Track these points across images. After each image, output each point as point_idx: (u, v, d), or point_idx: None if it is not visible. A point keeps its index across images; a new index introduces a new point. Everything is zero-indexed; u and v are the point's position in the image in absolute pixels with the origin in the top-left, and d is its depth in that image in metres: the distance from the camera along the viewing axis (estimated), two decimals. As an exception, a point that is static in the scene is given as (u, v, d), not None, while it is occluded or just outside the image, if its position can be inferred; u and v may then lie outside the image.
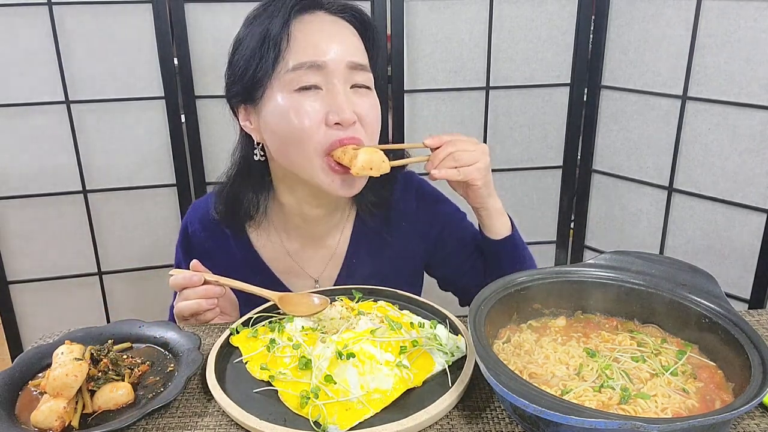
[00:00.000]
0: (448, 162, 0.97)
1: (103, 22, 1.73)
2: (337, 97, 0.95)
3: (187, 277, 0.99)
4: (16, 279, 1.91)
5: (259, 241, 1.16)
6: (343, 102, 0.95)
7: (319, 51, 0.95)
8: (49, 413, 0.77)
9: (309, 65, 0.95)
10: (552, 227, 2.12)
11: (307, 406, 0.78)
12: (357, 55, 0.99)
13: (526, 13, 1.86)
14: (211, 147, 1.89)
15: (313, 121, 0.95)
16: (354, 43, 1.00)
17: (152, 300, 2.03)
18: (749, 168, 1.69)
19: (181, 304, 1.00)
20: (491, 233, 1.12)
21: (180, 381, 0.84)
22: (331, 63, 0.95)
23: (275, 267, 1.16)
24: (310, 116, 0.95)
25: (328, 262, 1.17)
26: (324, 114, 0.96)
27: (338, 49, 0.96)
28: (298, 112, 0.95)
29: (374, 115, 1.01)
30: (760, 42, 1.59)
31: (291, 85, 0.96)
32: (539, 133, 2.00)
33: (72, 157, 1.83)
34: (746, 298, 1.77)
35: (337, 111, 0.95)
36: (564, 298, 0.95)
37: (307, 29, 0.97)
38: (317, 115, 0.95)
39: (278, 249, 1.16)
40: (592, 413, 0.64)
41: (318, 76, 0.96)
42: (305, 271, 1.17)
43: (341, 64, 0.96)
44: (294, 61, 0.95)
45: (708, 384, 0.79)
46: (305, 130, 0.96)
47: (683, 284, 0.90)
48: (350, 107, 0.96)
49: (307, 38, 0.96)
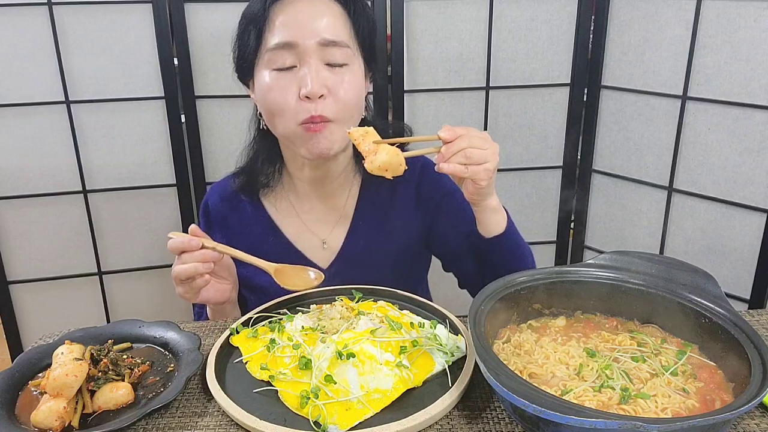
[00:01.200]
0: (459, 158, 0.97)
1: (103, 22, 1.73)
2: (306, 74, 1.03)
3: (185, 241, 1.01)
4: (16, 279, 1.91)
5: (273, 207, 1.23)
6: (310, 77, 1.03)
7: (292, 32, 1.03)
8: (49, 413, 0.77)
9: (283, 45, 1.04)
10: (552, 227, 2.12)
11: (307, 406, 0.78)
12: (330, 32, 1.05)
13: (526, 13, 1.86)
14: (211, 147, 1.89)
15: (288, 96, 1.05)
16: (330, 21, 1.05)
17: (152, 300, 2.03)
18: (749, 168, 1.69)
19: (177, 267, 1.01)
20: (483, 230, 1.12)
21: (180, 381, 0.84)
22: (303, 42, 1.03)
23: (287, 230, 1.22)
24: (286, 93, 1.05)
25: (336, 223, 1.23)
26: (296, 89, 1.04)
27: (311, 28, 1.03)
28: (275, 89, 1.06)
29: (347, 89, 1.07)
30: (760, 42, 1.59)
31: (270, 64, 1.06)
32: (539, 133, 2.00)
33: (72, 157, 1.83)
34: (746, 298, 1.77)
35: (305, 85, 1.03)
36: (564, 298, 0.95)
37: (284, 10, 1.05)
38: (291, 90, 1.05)
39: (289, 212, 1.23)
40: (592, 413, 0.64)
41: (293, 56, 1.04)
42: (314, 232, 1.22)
43: (312, 42, 1.03)
44: (271, 42, 1.05)
45: (708, 384, 0.79)
46: (282, 104, 1.06)
47: (683, 284, 0.90)
48: (320, 82, 1.03)
49: (282, 19, 1.05)
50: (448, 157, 0.97)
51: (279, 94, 1.05)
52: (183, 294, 1.04)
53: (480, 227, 1.12)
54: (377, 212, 1.24)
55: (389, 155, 0.91)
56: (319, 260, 1.21)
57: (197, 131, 1.86)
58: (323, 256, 1.22)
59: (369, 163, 0.90)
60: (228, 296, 1.10)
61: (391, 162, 0.92)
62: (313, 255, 1.21)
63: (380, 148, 0.92)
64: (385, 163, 0.91)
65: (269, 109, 1.09)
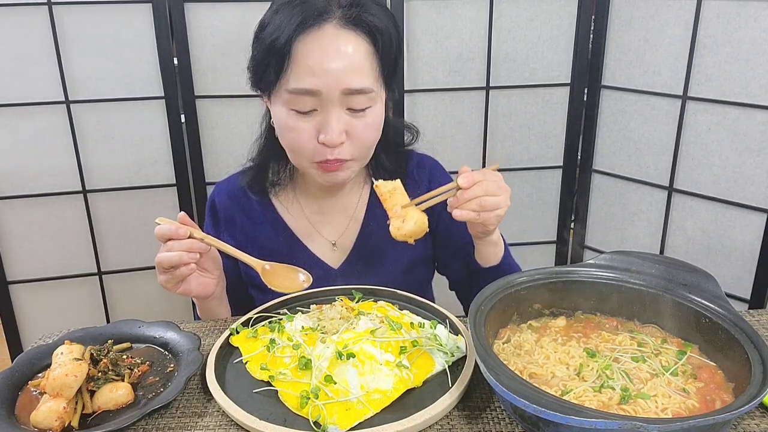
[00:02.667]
0: (473, 205, 0.98)
1: (103, 22, 1.73)
2: (327, 121, 1.01)
3: (173, 229, 0.98)
4: (16, 279, 1.91)
5: (282, 206, 1.22)
6: (331, 126, 1.00)
7: (316, 80, 0.98)
8: (48, 413, 0.77)
9: (305, 92, 0.99)
10: (552, 227, 2.12)
11: (307, 406, 0.78)
12: (355, 80, 1.00)
13: (526, 13, 1.86)
14: (211, 147, 1.89)
15: (305, 139, 1.03)
16: (356, 63, 1.00)
17: (152, 300, 2.03)
18: (749, 168, 1.69)
19: (162, 254, 0.98)
20: (480, 260, 1.15)
21: (180, 381, 0.84)
22: (326, 90, 0.99)
23: (296, 228, 1.22)
24: (303, 135, 1.03)
25: (347, 226, 1.23)
26: (316, 132, 1.02)
27: (336, 74, 0.98)
28: (293, 129, 1.03)
29: (367, 133, 1.06)
30: (760, 42, 1.59)
31: (289, 104, 1.02)
32: (539, 133, 2.00)
33: (72, 157, 1.83)
34: (746, 298, 1.77)
35: (325, 132, 1.01)
36: (564, 298, 0.95)
37: (308, 50, 0.98)
38: (309, 133, 1.03)
39: (299, 213, 1.22)
40: (592, 413, 0.64)
41: (313, 100, 1.00)
42: (323, 234, 1.22)
43: (336, 91, 0.99)
44: (293, 84, 1.00)
45: (708, 384, 0.79)
46: (298, 144, 1.05)
47: (683, 284, 0.90)
48: (340, 128, 1.01)
49: (306, 62, 0.99)
50: (461, 203, 0.97)
51: (296, 136, 1.03)
52: (164, 283, 1.01)
53: (478, 256, 1.15)
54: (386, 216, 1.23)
55: (417, 225, 0.87)
56: (329, 259, 1.21)
57: (197, 131, 1.86)
58: (333, 256, 1.22)
59: (395, 229, 0.85)
60: (211, 291, 1.07)
61: (417, 231, 0.89)
62: (323, 254, 1.21)
63: (408, 215, 0.87)
64: (411, 232, 0.87)
65: (285, 143, 1.08)
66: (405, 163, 1.25)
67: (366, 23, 1.00)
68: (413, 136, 1.27)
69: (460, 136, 1.96)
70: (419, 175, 1.25)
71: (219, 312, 1.15)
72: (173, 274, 0.98)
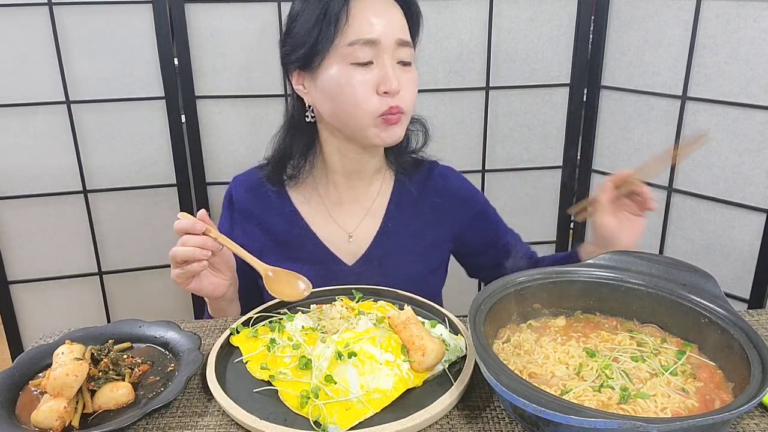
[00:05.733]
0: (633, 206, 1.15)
1: (103, 22, 1.73)
2: (386, 70, 1.07)
3: (190, 224, 1.01)
4: (16, 279, 1.91)
5: (299, 198, 1.25)
6: (391, 75, 1.07)
7: (373, 29, 1.06)
8: (49, 413, 0.77)
9: (364, 41, 1.06)
10: (552, 227, 2.12)
11: (307, 405, 0.78)
12: (404, 32, 1.11)
13: (526, 13, 1.86)
14: (211, 147, 1.89)
15: (366, 92, 1.08)
16: (401, 22, 1.11)
17: (152, 300, 2.03)
18: (749, 168, 1.69)
19: (176, 248, 1.01)
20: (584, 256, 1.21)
21: (180, 381, 0.84)
22: (383, 39, 1.07)
23: (312, 222, 1.24)
24: (364, 87, 1.08)
25: (364, 218, 1.25)
26: (375, 85, 1.08)
27: (389, 27, 1.08)
28: (352, 84, 1.08)
29: (413, 88, 1.14)
30: (760, 42, 1.59)
31: (347, 59, 1.07)
32: (539, 133, 2.00)
33: (72, 157, 1.83)
34: (746, 298, 1.77)
35: (386, 82, 1.07)
36: (564, 298, 0.95)
37: (364, 6, 1.07)
38: (369, 85, 1.08)
39: (317, 204, 1.25)
40: (591, 413, 0.64)
41: (371, 51, 1.07)
42: (340, 225, 1.24)
43: (391, 40, 1.08)
44: (352, 37, 1.06)
45: (708, 384, 0.80)
46: (359, 98, 1.08)
47: (683, 284, 0.90)
48: (397, 78, 1.08)
49: (363, 16, 1.07)
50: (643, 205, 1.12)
51: (358, 89, 1.08)
52: (176, 277, 1.04)
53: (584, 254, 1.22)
54: (408, 216, 1.26)
55: (437, 357, 0.85)
56: (344, 255, 1.22)
57: (197, 131, 1.86)
58: (349, 251, 1.23)
59: (417, 364, 0.84)
60: (222, 292, 1.09)
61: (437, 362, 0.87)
62: (338, 249, 1.22)
63: (427, 348, 0.85)
64: (433, 365, 0.86)
65: (343, 100, 1.10)
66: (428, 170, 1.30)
67: None
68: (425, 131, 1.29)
69: (460, 136, 1.96)
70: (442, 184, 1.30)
71: (230, 312, 1.17)
72: (185, 269, 1.01)
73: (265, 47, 1.81)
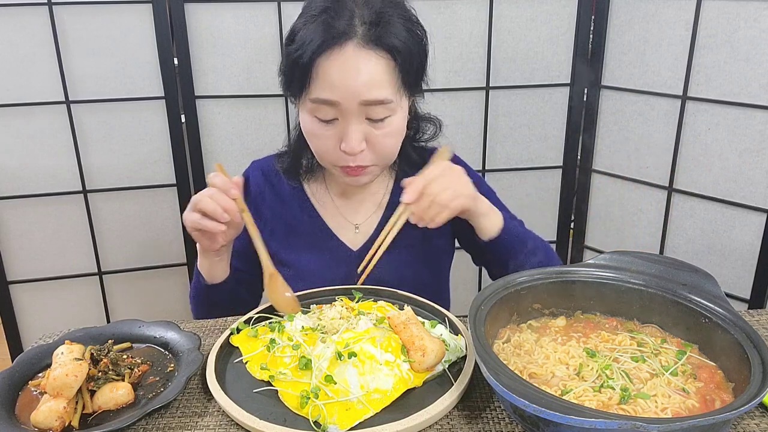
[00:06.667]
0: (434, 210, 1.00)
1: (103, 22, 1.73)
2: (346, 131, 1.05)
3: (226, 184, 1.01)
4: (16, 279, 1.91)
5: (311, 188, 1.27)
6: (351, 136, 1.05)
7: (334, 91, 1.02)
8: (49, 413, 0.77)
9: (324, 101, 1.04)
10: (552, 227, 2.12)
11: (307, 406, 0.78)
12: (373, 92, 1.03)
13: (526, 13, 1.86)
14: (211, 147, 1.89)
15: (328, 147, 1.09)
16: (375, 79, 1.03)
17: (152, 300, 2.03)
18: (749, 168, 1.69)
19: (203, 197, 1.00)
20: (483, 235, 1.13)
21: (180, 381, 0.84)
22: (344, 103, 1.03)
23: (321, 211, 1.26)
24: (325, 143, 1.09)
25: (372, 212, 1.26)
26: (337, 141, 1.07)
27: (354, 89, 1.02)
28: (317, 137, 1.09)
29: (386, 141, 1.09)
30: (760, 42, 1.59)
31: (312, 112, 1.07)
32: (539, 133, 2.00)
33: (72, 157, 1.83)
34: (746, 298, 1.77)
35: (345, 142, 1.06)
36: (564, 298, 0.95)
37: (329, 67, 1.02)
38: (330, 141, 1.08)
39: (326, 196, 1.27)
40: (591, 413, 0.64)
41: (334, 110, 1.05)
42: (347, 218, 1.26)
43: (353, 104, 1.03)
44: (314, 94, 1.05)
45: (708, 384, 0.79)
46: (320, 151, 1.11)
47: (683, 284, 0.90)
48: (359, 139, 1.06)
49: (326, 76, 1.02)
50: (422, 215, 1.00)
51: (319, 143, 1.09)
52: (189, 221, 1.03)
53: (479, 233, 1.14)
54: None
55: (437, 356, 0.86)
56: (349, 241, 1.24)
57: (197, 131, 1.86)
58: (354, 239, 1.25)
59: (417, 364, 0.85)
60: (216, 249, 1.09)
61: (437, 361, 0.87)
62: (344, 236, 1.24)
63: (427, 348, 0.85)
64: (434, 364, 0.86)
65: (311, 143, 1.13)
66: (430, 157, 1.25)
67: (386, 43, 1.03)
68: (436, 127, 1.28)
69: (460, 136, 1.96)
70: None
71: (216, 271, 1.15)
72: (201, 222, 1.00)
73: (265, 47, 1.81)
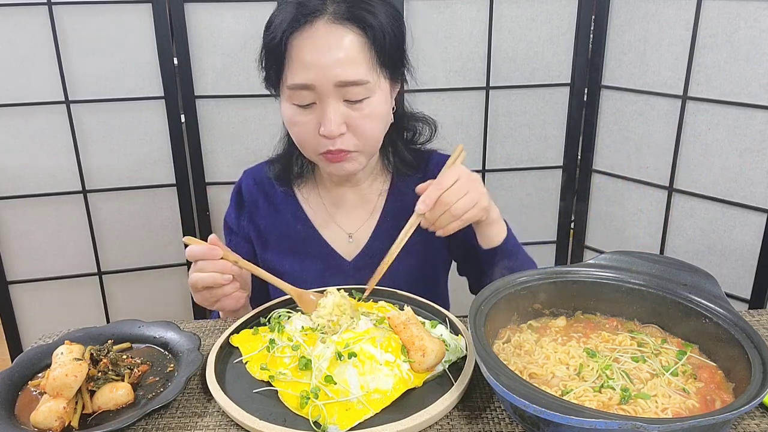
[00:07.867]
0: (447, 218, 0.99)
1: (103, 22, 1.73)
2: (324, 113, 1.03)
3: (207, 251, 1.00)
4: (16, 279, 1.91)
5: (304, 196, 1.25)
6: (329, 119, 1.02)
7: (308, 73, 1.00)
8: (48, 413, 0.77)
9: (300, 86, 1.02)
10: (552, 227, 2.12)
11: (307, 406, 0.78)
12: (348, 72, 1.00)
13: (526, 13, 1.86)
14: (211, 147, 1.89)
15: (307, 133, 1.06)
16: (348, 56, 1.00)
17: (152, 300, 2.03)
18: (749, 168, 1.69)
19: (196, 275, 1.00)
20: (484, 243, 1.13)
21: (180, 381, 0.84)
22: (319, 84, 1.00)
23: (314, 220, 1.24)
24: (305, 129, 1.06)
25: (365, 220, 1.24)
26: (316, 126, 1.04)
27: (327, 69, 0.99)
28: (296, 124, 1.07)
29: (367, 123, 1.05)
30: (760, 42, 1.59)
31: (290, 99, 1.05)
32: (539, 133, 2.00)
33: (72, 157, 1.83)
34: (746, 298, 1.77)
35: (323, 125, 1.03)
36: (564, 298, 0.95)
37: (301, 46, 1.00)
38: (309, 127, 1.05)
39: (319, 204, 1.25)
40: (592, 413, 0.64)
41: (311, 94, 1.02)
42: (341, 226, 1.24)
43: (329, 85, 1.00)
44: (290, 80, 1.03)
45: (708, 384, 0.79)
46: (300, 139, 1.09)
47: (683, 284, 0.90)
48: (338, 121, 1.02)
49: (300, 57, 1.00)
50: (435, 223, 1.00)
51: (299, 130, 1.07)
52: (201, 301, 1.04)
53: (480, 241, 1.13)
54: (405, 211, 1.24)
55: (437, 356, 0.86)
56: (343, 251, 1.23)
57: (197, 131, 1.86)
58: (348, 249, 1.23)
59: (417, 364, 0.85)
60: (242, 304, 1.09)
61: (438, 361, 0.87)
62: (339, 246, 1.23)
63: (427, 348, 0.85)
64: (434, 365, 0.86)
65: (293, 134, 1.11)
66: (426, 160, 1.25)
67: (357, 17, 1.01)
68: (432, 129, 1.25)
69: (460, 136, 1.96)
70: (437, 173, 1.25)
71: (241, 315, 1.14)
72: (211, 293, 1.01)
73: (265, 47, 1.81)
